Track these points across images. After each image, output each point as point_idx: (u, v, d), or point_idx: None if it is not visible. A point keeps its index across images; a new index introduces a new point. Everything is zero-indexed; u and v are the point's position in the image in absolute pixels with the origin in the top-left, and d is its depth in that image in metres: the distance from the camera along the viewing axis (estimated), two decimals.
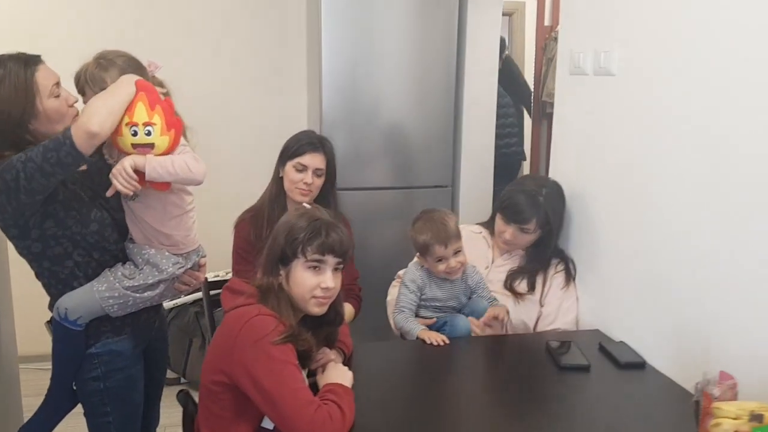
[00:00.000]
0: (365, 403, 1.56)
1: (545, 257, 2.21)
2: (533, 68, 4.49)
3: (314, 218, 1.52)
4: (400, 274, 2.29)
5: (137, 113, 1.59)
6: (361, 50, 3.04)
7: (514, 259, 2.26)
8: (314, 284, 1.49)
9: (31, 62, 1.61)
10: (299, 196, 2.20)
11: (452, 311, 2.09)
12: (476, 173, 3.29)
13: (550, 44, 4.13)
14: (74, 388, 1.76)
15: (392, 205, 3.18)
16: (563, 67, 2.24)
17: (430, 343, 1.91)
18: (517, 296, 2.18)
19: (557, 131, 2.33)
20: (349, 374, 1.58)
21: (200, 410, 1.50)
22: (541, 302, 2.19)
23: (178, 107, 1.74)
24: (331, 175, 2.29)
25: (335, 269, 1.53)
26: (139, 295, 1.71)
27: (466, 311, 2.08)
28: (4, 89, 1.56)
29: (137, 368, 1.80)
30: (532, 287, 2.19)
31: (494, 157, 3.39)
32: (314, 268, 1.50)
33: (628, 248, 1.94)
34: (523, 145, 4.17)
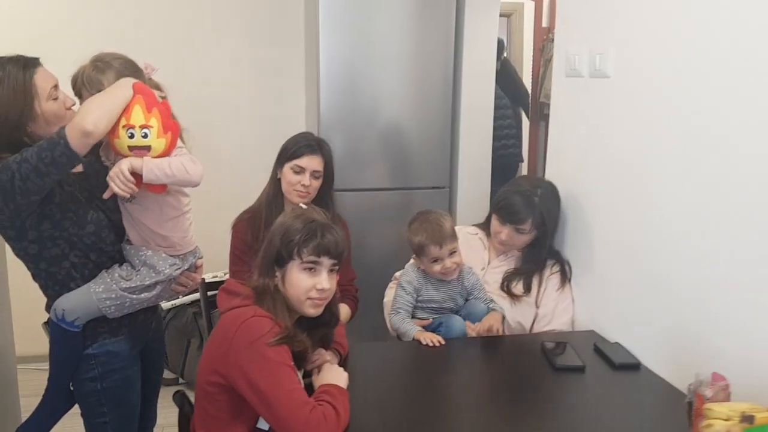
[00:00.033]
0: (361, 403, 1.57)
1: (541, 258, 2.22)
2: (531, 69, 4.50)
3: (310, 220, 1.53)
4: (396, 275, 2.30)
5: (134, 116, 1.60)
6: (358, 52, 3.05)
7: (510, 260, 2.27)
8: (310, 285, 1.50)
9: (29, 65, 1.61)
10: (297, 197, 2.20)
11: (449, 313, 2.10)
12: (474, 174, 3.30)
13: (547, 45, 4.15)
14: (71, 388, 1.76)
15: (390, 206, 3.19)
16: (559, 69, 2.25)
17: (425, 343, 1.92)
18: (513, 298, 2.19)
19: (553, 133, 2.34)
20: (344, 375, 1.58)
21: (196, 411, 1.51)
22: (536, 303, 2.20)
23: (176, 108, 1.75)
24: (328, 176, 2.29)
25: (331, 270, 1.53)
26: (136, 296, 1.71)
27: (462, 313, 2.09)
28: (2, 91, 1.57)
29: (134, 369, 1.81)
30: (528, 288, 2.20)
31: (492, 158, 3.40)
32: (310, 269, 1.51)
33: (623, 249, 1.95)
34: (520, 146, 4.18)
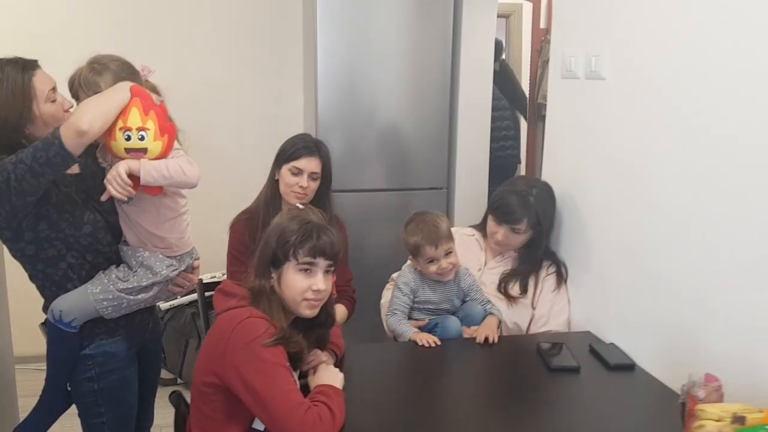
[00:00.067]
0: (357, 404, 1.58)
1: (537, 258, 2.23)
2: (529, 70, 4.51)
3: (305, 221, 1.54)
4: (393, 276, 2.31)
5: (131, 118, 1.61)
6: (356, 52, 3.06)
7: (506, 261, 2.28)
8: (305, 286, 1.51)
9: (28, 67, 1.62)
10: (294, 199, 2.21)
11: (445, 314, 2.11)
12: (471, 175, 3.30)
13: (545, 47, 4.15)
14: (69, 389, 1.77)
15: (388, 206, 3.19)
16: (555, 70, 2.26)
17: (421, 344, 1.93)
18: (510, 299, 2.20)
19: (550, 134, 2.34)
20: (340, 376, 1.59)
21: (192, 411, 1.51)
22: (533, 305, 2.21)
23: (174, 108, 1.76)
24: (326, 178, 2.30)
25: (326, 271, 1.54)
26: (133, 297, 1.72)
27: (460, 315, 2.09)
28: (1, 93, 1.57)
29: (131, 369, 1.82)
30: (524, 290, 2.21)
31: (490, 159, 3.40)
32: (305, 270, 1.51)
33: (619, 250, 1.96)
34: (518, 148, 4.18)
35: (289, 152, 2.25)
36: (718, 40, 1.55)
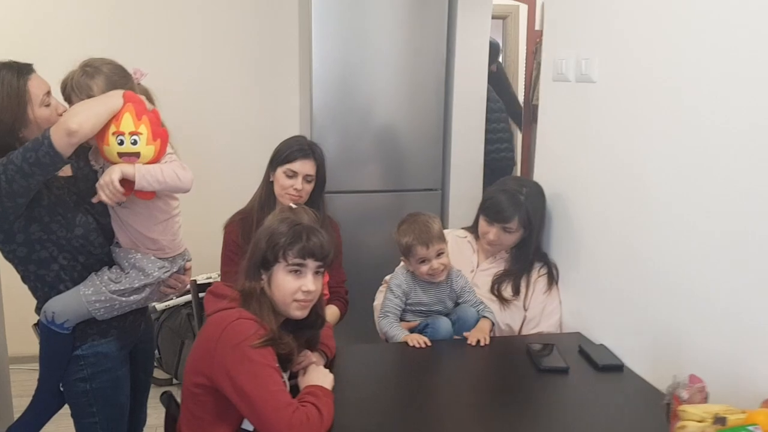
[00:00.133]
0: (348, 404, 1.59)
1: (528, 257, 2.24)
2: (524, 72, 4.53)
3: (295, 223, 1.55)
4: (387, 279, 2.32)
5: (124, 123, 1.62)
6: (351, 54, 3.07)
7: (499, 262, 2.29)
8: (295, 288, 1.52)
9: (23, 71, 1.63)
10: (289, 201, 2.22)
11: (437, 315, 2.12)
12: (466, 177, 3.31)
13: (540, 49, 4.16)
14: (61, 389, 1.78)
15: (382, 208, 3.20)
16: (547, 73, 2.28)
17: (412, 345, 1.94)
18: (502, 301, 2.21)
19: (541, 136, 2.36)
20: (329, 376, 1.60)
21: (182, 412, 1.53)
22: (524, 306, 2.22)
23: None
24: (320, 180, 2.31)
25: (316, 273, 1.55)
26: (125, 298, 1.73)
27: (453, 318, 2.09)
28: None
29: (123, 370, 1.83)
30: (516, 291, 2.22)
31: (485, 161, 3.41)
32: (295, 271, 1.52)
33: (609, 252, 1.97)
34: (513, 150, 4.19)
35: (284, 154, 2.26)
36: (706, 43, 1.56)
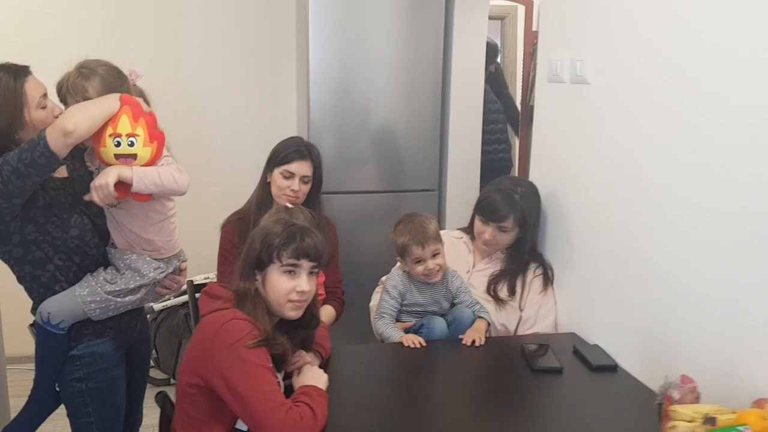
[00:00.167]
0: (343, 404, 1.60)
1: (524, 257, 2.24)
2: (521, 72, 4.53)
3: (289, 224, 1.56)
4: (383, 280, 2.32)
5: (121, 124, 1.63)
6: (348, 54, 3.07)
7: (494, 262, 2.30)
8: (289, 288, 1.53)
9: (20, 73, 1.64)
10: (286, 202, 2.23)
11: (432, 315, 2.12)
12: (463, 177, 3.31)
13: (537, 49, 4.17)
14: (57, 389, 1.79)
15: (379, 208, 3.20)
16: (542, 74, 2.28)
17: (407, 345, 1.95)
18: (498, 302, 2.21)
19: (537, 137, 2.36)
20: (324, 377, 1.61)
21: (176, 412, 1.53)
22: (520, 307, 2.23)
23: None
24: (317, 181, 2.33)
25: (310, 273, 1.56)
26: (120, 299, 1.74)
27: (449, 319, 2.10)
28: None
29: (119, 370, 1.84)
30: (512, 291, 2.22)
31: (483, 162, 3.42)
32: (289, 272, 1.53)
33: (603, 253, 1.98)
34: (511, 151, 4.20)
35: (280, 156, 2.27)
36: (702, 43, 1.56)
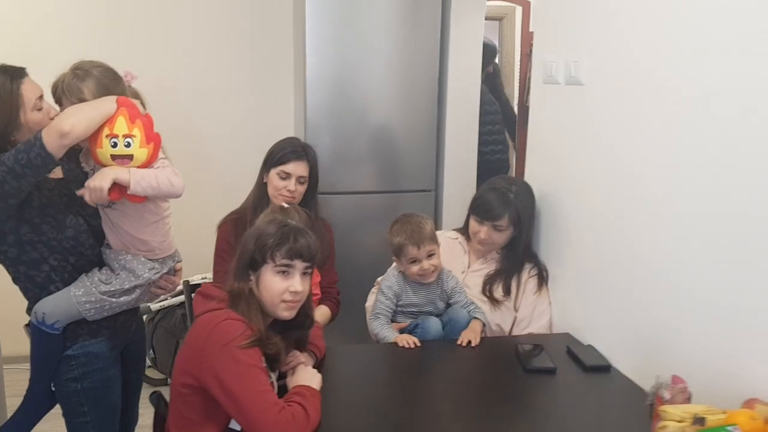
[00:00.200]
0: (337, 404, 1.61)
1: (518, 257, 2.25)
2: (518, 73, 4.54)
3: (283, 224, 1.56)
4: (379, 280, 2.33)
5: (117, 125, 1.64)
6: (345, 55, 3.07)
7: (490, 263, 2.30)
8: (283, 288, 1.53)
9: (16, 75, 1.64)
10: (282, 202, 2.23)
11: (427, 315, 2.13)
12: (459, 178, 3.31)
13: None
14: (53, 389, 1.79)
15: (376, 209, 3.20)
16: (537, 76, 2.29)
17: (401, 346, 1.95)
18: (493, 302, 2.22)
19: (532, 138, 2.37)
20: (317, 377, 1.62)
21: (170, 412, 1.54)
22: (515, 307, 2.23)
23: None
24: (313, 181, 2.33)
25: (304, 273, 1.57)
26: (115, 299, 1.75)
27: (444, 319, 2.11)
28: None
29: (114, 370, 1.84)
30: (507, 291, 2.23)
31: (480, 163, 3.42)
32: (283, 272, 1.54)
33: (597, 254, 1.99)
34: (508, 152, 4.20)
35: (277, 156, 2.28)
36: (695, 46, 1.57)
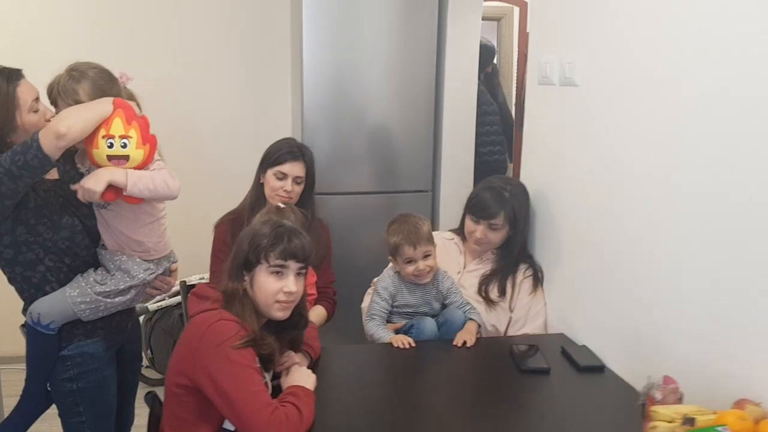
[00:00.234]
0: (332, 404, 1.61)
1: (514, 257, 2.26)
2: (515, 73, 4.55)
3: (277, 225, 1.57)
4: (375, 281, 2.33)
5: (114, 126, 1.65)
6: (342, 55, 3.08)
7: (485, 263, 2.31)
8: (277, 289, 1.54)
9: (12, 77, 1.65)
10: (279, 202, 2.24)
11: (423, 316, 2.13)
12: (456, 178, 3.32)
13: None
14: (49, 389, 1.80)
15: (373, 209, 3.21)
16: (533, 76, 2.29)
17: (396, 346, 1.96)
18: (489, 303, 2.22)
19: (527, 139, 2.38)
20: (312, 377, 1.62)
21: (165, 412, 1.54)
22: (510, 308, 2.24)
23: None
24: (310, 181, 2.34)
25: (298, 274, 1.57)
26: (110, 300, 1.75)
27: (440, 320, 2.11)
28: None
29: (110, 370, 1.85)
30: (502, 292, 2.24)
31: (478, 163, 3.42)
32: (277, 273, 1.54)
33: (592, 254, 1.99)
34: (506, 153, 4.20)
35: (273, 157, 2.29)
36: (688, 48, 1.57)
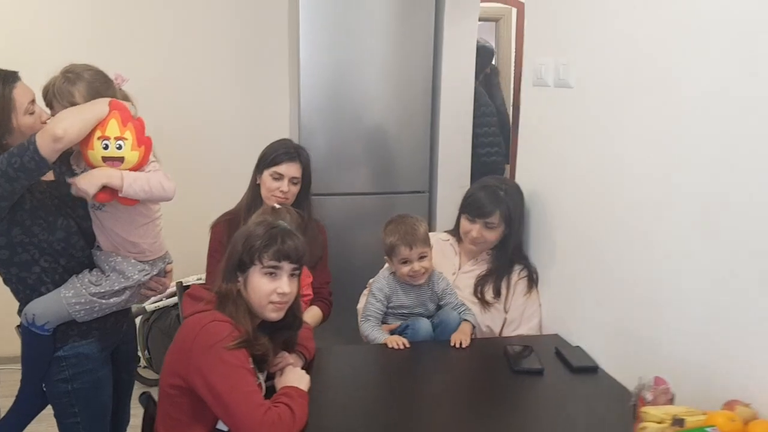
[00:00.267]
0: (327, 405, 1.62)
1: (508, 257, 2.26)
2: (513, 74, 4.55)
3: (271, 226, 1.58)
4: (370, 282, 2.34)
5: (109, 128, 1.66)
6: (339, 57, 3.09)
7: (480, 264, 2.31)
8: (270, 290, 1.54)
9: (9, 79, 1.65)
10: (275, 203, 2.25)
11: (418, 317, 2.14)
12: (453, 179, 3.32)
13: None
14: (44, 389, 1.81)
15: (370, 210, 3.21)
16: (527, 78, 2.30)
17: (391, 347, 1.96)
18: (484, 304, 2.23)
19: (522, 140, 2.39)
20: (305, 378, 1.63)
21: (158, 413, 1.55)
22: (505, 309, 2.24)
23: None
24: (306, 182, 2.35)
25: (291, 275, 1.58)
26: (105, 301, 1.76)
27: (435, 321, 2.12)
28: None
29: (105, 370, 1.85)
30: (497, 293, 2.24)
31: (475, 164, 3.43)
32: (270, 274, 1.55)
33: (586, 256, 2.00)
34: (504, 154, 4.20)
35: (270, 157, 2.29)
36: (682, 50, 1.58)
